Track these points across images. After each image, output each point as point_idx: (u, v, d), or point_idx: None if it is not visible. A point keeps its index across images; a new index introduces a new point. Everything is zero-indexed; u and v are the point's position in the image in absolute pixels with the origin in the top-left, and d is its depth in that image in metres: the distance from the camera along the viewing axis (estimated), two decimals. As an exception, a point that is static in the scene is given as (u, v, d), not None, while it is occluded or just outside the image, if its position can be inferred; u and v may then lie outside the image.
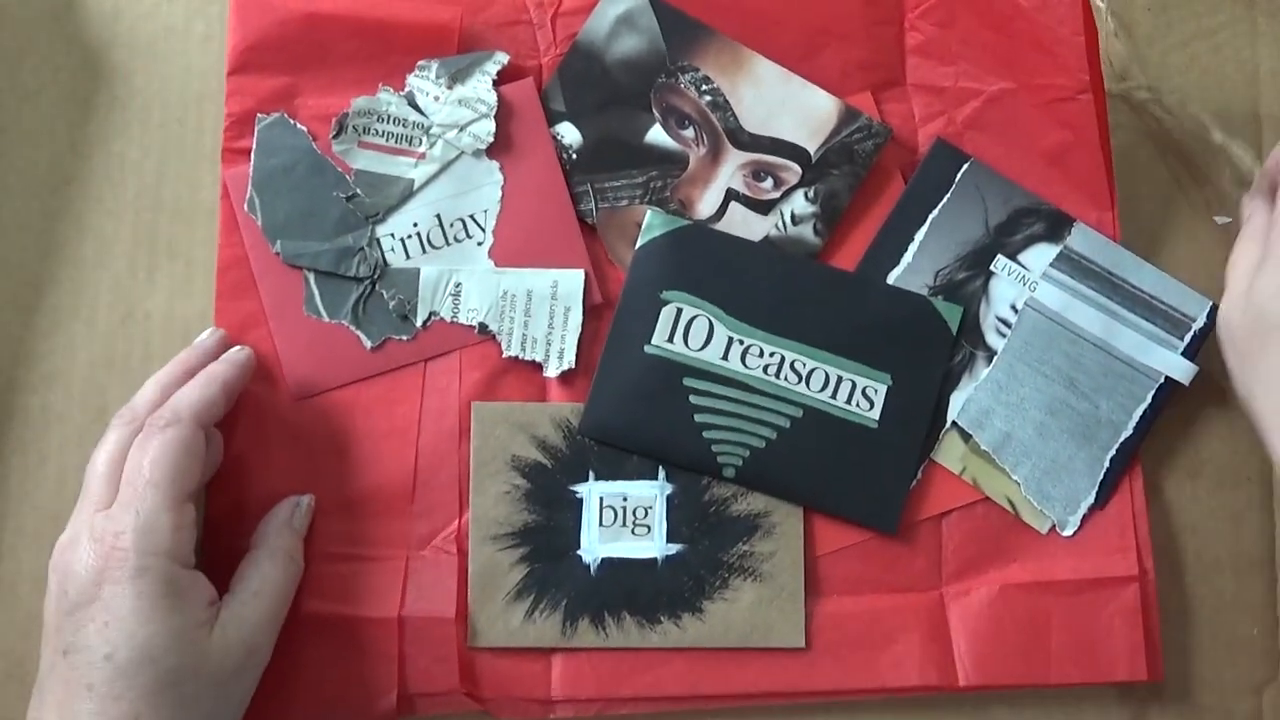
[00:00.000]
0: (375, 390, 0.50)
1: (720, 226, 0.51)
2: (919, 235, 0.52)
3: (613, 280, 0.51)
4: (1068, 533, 0.50)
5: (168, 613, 0.40)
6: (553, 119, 0.51)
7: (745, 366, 0.50)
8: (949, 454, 0.51)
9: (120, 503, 0.41)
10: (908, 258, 0.51)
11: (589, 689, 0.48)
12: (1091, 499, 0.50)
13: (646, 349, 0.50)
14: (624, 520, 0.49)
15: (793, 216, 0.51)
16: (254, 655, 0.43)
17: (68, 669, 0.39)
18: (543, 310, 0.50)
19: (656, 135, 0.51)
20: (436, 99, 0.50)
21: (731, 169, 0.51)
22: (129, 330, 0.50)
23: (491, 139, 0.50)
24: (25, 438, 0.49)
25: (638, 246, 0.50)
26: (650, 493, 0.50)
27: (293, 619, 0.46)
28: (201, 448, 0.43)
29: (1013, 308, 0.51)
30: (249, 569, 0.44)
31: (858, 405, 0.50)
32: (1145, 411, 0.51)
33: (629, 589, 0.49)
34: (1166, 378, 0.51)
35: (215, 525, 0.48)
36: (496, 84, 0.51)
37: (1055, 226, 0.52)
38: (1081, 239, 0.52)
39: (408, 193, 0.50)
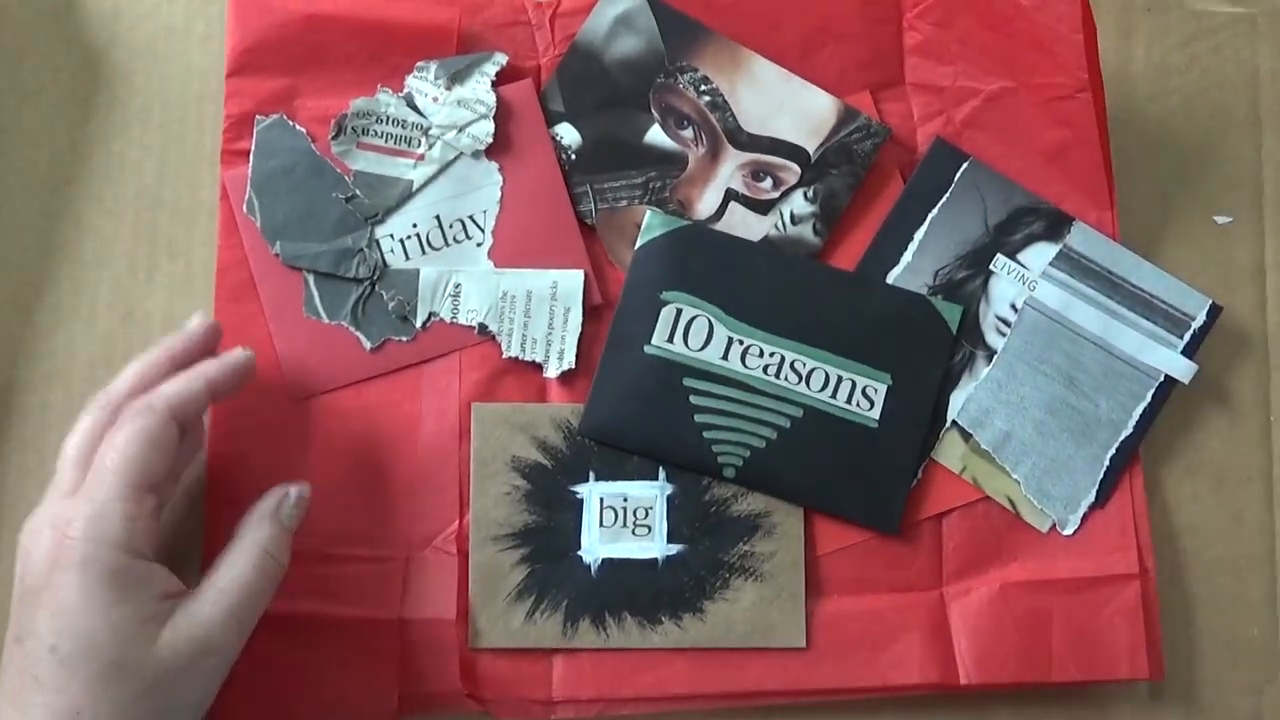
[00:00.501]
0: (375, 391, 0.50)
1: (720, 226, 0.51)
2: (918, 235, 0.52)
3: (612, 280, 0.51)
4: (1068, 531, 0.50)
5: (111, 605, 0.38)
6: (551, 120, 0.51)
7: (745, 366, 0.50)
8: (949, 453, 0.51)
9: (81, 490, 0.40)
10: (907, 257, 0.51)
11: (590, 689, 0.48)
12: (1092, 498, 0.50)
13: (646, 349, 0.50)
14: (624, 521, 0.49)
15: (792, 216, 0.51)
16: (208, 655, 0.40)
17: (21, 657, 0.38)
18: (542, 311, 0.50)
19: (655, 135, 0.51)
20: (435, 100, 0.50)
21: (730, 169, 0.51)
22: (129, 330, 0.50)
23: (490, 140, 0.50)
24: (25, 437, 0.49)
25: (637, 247, 0.50)
26: (650, 493, 0.50)
27: (293, 620, 0.46)
28: (172, 442, 0.41)
29: (1012, 307, 0.51)
30: (219, 563, 0.42)
31: (858, 405, 0.50)
32: (1145, 410, 0.51)
33: (630, 589, 0.49)
34: (1166, 376, 0.51)
35: (214, 527, 0.48)
36: (495, 85, 0.51)
37: (1055, 225, 0.52)
38: (1081, 238, 0.52)
39: (407, 194, 0.50)
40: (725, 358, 0.50)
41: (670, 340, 0.50)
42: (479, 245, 0.51)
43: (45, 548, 0.39)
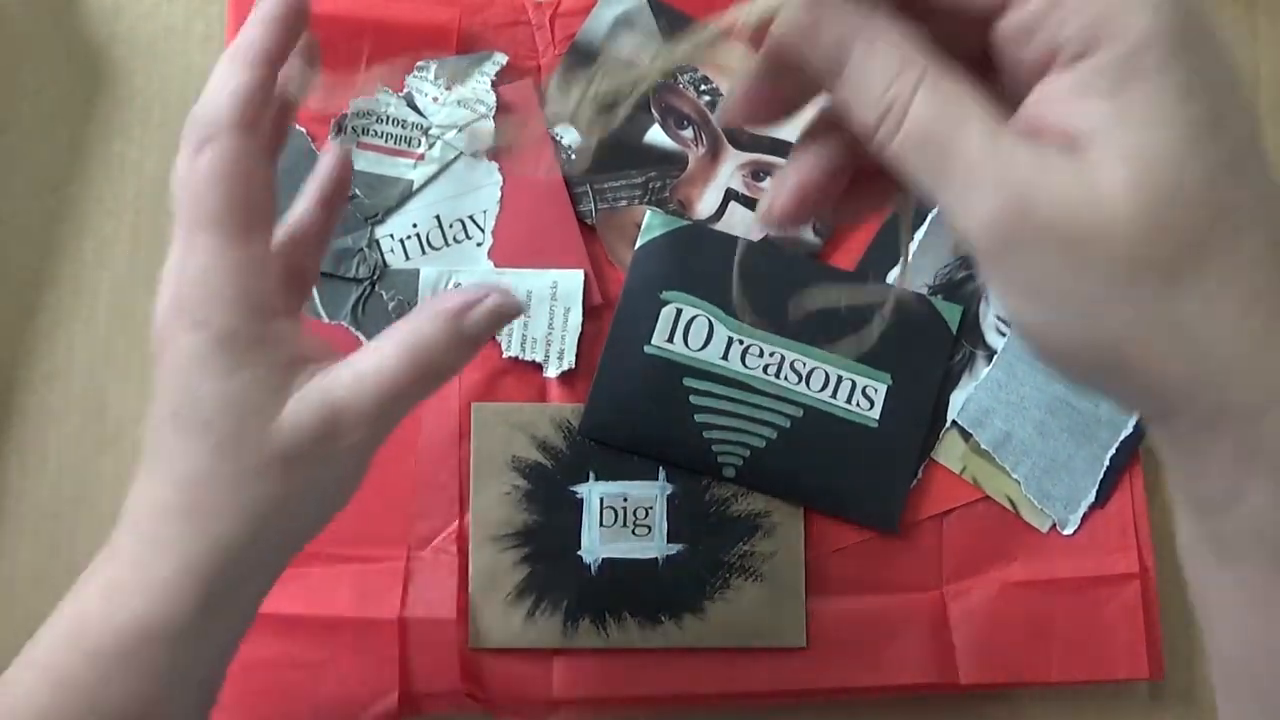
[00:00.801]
0: (375, 391, 0.50)
1: (720, 226, 0.51)
2: (919, 235, 0.52)
3: (612, 280, 0.51)
4: (1068, 531, 0.50)
5: (228, 373, 0.33)
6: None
7: (745, 366, 0.50)
8: (949, 453, 0.51)
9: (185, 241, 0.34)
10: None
11: (590, 689, 0.48)
12: (1092, 497, 0.50)
13: (646, 349, 0.50)
14: (624, 521, 0.49)
15: (792, 216, 0.51)
16: (335, 439, 0.33)
17: (152, 419, 0.34)
18: (542, 311, 0.50)
19: (655, 135, 0.51)
20: (435, 100, 0.50)
21: (731, 169, 0.51)
22: (129, 330, 0.50)
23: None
24: (25, 437, 0.49)
25: (637, 247, 0.50)
26: (651, 493, 0.50)
27: (293, 620, 0.46)
28: (255, 158, 0.34)
29: (1012, 307, 0.51)
30: (368, 346, 0.34)
31: (858, 405, 0.50)
32: (1145, 410, 0.51)
33: (630, 589, 0.49)
34: (1166, 377, 0.51)
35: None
36: (495, 85, 0.51)
37: (1055, 226, 0.52)
38: (1081, 238, 0.52)
39: (407, 194, 0.50)
40: (725, 358, 0.50)
41: (670, 340, 0.50)
42: (479, 245, 0.51)
43: (166, 304, 0.34)
